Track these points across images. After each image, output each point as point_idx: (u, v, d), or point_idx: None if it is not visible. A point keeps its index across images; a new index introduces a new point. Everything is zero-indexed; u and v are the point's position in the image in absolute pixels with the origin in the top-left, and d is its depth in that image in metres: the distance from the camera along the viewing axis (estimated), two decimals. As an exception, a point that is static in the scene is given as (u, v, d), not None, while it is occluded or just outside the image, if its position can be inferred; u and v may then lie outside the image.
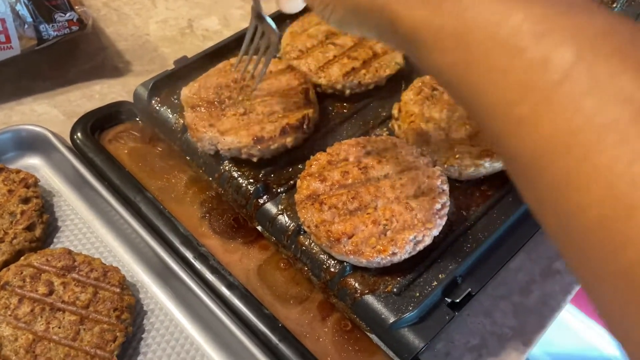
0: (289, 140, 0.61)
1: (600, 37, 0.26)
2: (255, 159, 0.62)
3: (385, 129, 0.68)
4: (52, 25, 0.74)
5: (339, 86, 0.69)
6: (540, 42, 0.27)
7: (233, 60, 0.69)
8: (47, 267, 0.55)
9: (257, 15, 0.59)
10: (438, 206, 0.54)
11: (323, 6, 0.39)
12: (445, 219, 0.55)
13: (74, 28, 0.76)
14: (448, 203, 0.56)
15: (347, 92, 0.69)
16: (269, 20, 0.58)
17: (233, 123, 0.62)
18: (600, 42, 0.26)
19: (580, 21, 0.27)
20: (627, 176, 0.23)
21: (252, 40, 0.60)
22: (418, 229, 0.53)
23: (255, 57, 0.62)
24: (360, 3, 0.36)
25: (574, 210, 0.26)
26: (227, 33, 0.86)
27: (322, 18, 0.40)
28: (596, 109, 0.25)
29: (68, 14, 0.76)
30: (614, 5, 0.62)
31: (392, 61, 0.71)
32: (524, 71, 0.27)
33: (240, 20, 0.93)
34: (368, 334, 0.55)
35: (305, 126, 0.62)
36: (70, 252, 0.57)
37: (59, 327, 0.52)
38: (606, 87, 0.25)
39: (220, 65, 0.68)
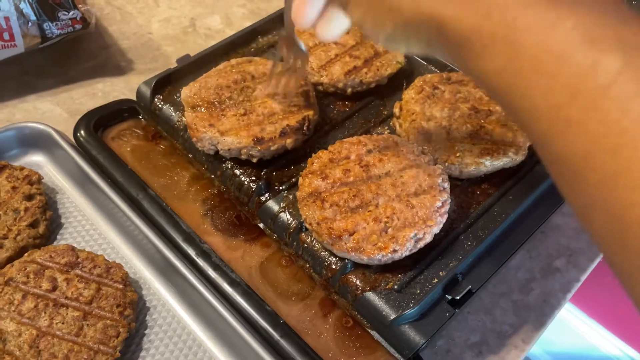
0: (288, 142, 0.62)
1: None
2: (255, 160, 0.62)
3: (386, 128, 0.69)
4: (56, 24, 0.75)
5: (340, 85, 0.69)
6: (589, 49, 0.28)
7: (234, 61, 0.69)
8: (50, 264, 0.55)
9: (289, 40, 0.57)
10: (439, 204, 0.55)
11: (373, 24, 0.40)
12: (446, 216, 0.55)
13: (77, 26, 0.77)
14: (449, 201, 0.56)
15: (349, 90, 0.70)
16: (300, 44, 0.58)
17: (233, 123, 0.62)
18: None
19: (629, 32, 0.29)
20: None
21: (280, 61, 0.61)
22: (419, 226, 0.53)
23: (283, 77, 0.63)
24: (410, 16, 0.36)
25: (624, 208, 0.27)
26: (230, 32, 0.87)
27: (372, 36, 0.41)
28: None
29: (71, 13, 0.76)
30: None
31: (394, 60, 0.71)
32: (572, 75, 0.29)
33: (243, 19, 0.93)
34: (369, 330, 0.56)
35: (305, 128, 0.63)
36: (73, 248, 0.57)
37: (63, 323, 0.52)
38: None
39: (221, 66, 0.69)
